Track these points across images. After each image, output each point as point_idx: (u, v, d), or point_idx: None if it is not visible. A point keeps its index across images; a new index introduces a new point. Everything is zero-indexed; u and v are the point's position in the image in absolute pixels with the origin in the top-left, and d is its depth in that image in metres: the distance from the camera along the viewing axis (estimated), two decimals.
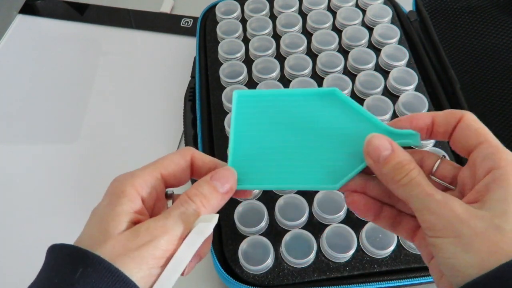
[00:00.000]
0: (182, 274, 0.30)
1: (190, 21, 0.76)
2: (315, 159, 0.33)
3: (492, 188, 0.26)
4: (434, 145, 0.51)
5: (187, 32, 0.75)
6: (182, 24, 0.76)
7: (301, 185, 0.33)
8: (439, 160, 0.32)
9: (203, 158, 0.34)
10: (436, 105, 0.57)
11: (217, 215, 0.31)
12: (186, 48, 0.73)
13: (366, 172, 0.32)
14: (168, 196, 0.35)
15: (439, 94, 0.58)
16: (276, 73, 0.59)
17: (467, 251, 0.25)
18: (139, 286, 0.27)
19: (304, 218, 0.47)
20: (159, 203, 0.33)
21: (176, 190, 0.35)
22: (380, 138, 0.30)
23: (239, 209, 0.48)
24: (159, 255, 0.28)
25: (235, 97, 0.35)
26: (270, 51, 0.61)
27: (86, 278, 0.26)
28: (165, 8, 0.78)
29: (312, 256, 0.45)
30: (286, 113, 0.34)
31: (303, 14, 0.65)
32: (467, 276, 0.25)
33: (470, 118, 0.29)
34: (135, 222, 0.30)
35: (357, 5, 0.66)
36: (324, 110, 0.33)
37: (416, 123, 0.31)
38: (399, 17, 0.65)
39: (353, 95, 0.58)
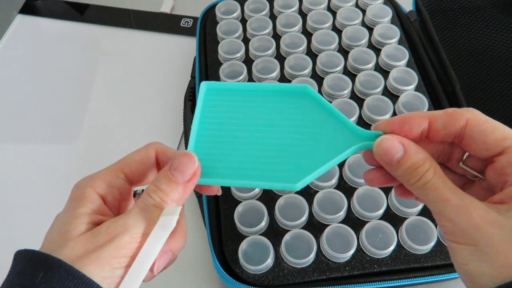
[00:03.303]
0: (152, 271, 0.29)
1: (190, 21, 0.76)
2: (280, 156, 0.31)
3: None
4: None
5: (187, 32, 0.75)
6: (182, 24, 0.76)
7: (262, 183, 0.32)
8: (467, 153, 0.29)
9: (166, 152, 0.33)
10: (436, 105, 0.57)
11: (180, 208, 0.29)
12: (186, 48, 0.73)
13: None
14: (137, 195, 0.34)
15: (439, 94, 0.58)
16: (276, 73, 0.59)
17: (482, 260, 0.24)
18: (103, 286, 0.26)
19: (304, 218, 0.47)
20: (125, 203, 0.32)
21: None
22: (390, 139, 0.28)
23: (239, 209, 0.48)
24: (121, 255, 0.27)
25: (203, 89, 0.34)
26: (270, 51, 0.61)
27: (47, 283, 0.25)
28: (165, 8, 0.78)
29: (312, 256, 0.45)
30: (255, 108, 0.33)
31: (303, 14, 0.65)
32: (480, 285, 0.24)
33: (481, 120, 0.27)
34: (97, 223, 0.29)
35: (357, 5, 0.66)
36: (294, 107, 0.32)
37: (409, 128, 0.28)
38: (399, 17, 0.65)
39: (353, 95, 0.58)
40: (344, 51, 0.61)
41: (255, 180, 0.31)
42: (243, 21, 0.66)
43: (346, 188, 0.50)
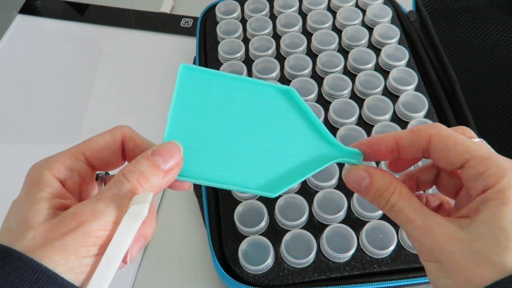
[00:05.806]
0: (125, 261, 0.27)
1: (190, 21, 0.76)
2: (258, 159, 0.31)
3: (481, 209, 0.25)
4: None
5: (187, 32, 0.75)
6: (182, 24, 0.76)
7: (240, 187, 0.30)
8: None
9: (134, 139, 0.30)
10: (436, 105, 0.57)
11: (151, 194, 0.27)
12: (186, 48, 0.73)
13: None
14: (100, 179, 0.32)
15: (439, 94, 0.58)
16: (276, 73, 0.59)
17: (447, 277, 0.26)
18: (67, 278, 0.24)
19: (304, 218, 0.47)
20: (86, 187, 0.30)
21: (112, 172, 0.32)
22: (355, 169, 0.30)
23: (239, 209, 0.48)
24: (90, 243, 0.25)
25: (180, 71, 0.31)
26: (270, 51, 0.61)
27: (4, 278, 0.23)
28: (165, 8, 0.78)
29: (312, 256, 0.45)
30: (235, 103, 0.31)
31: (303, 14, 0.65)
32: None
33: (442, 135, 0.28)
34: (59, 208, 0.27)
35: (357, 5, 0.66)
36: (276, 109, 0.32)
37: (378, 149, 0.30)
38: (399, 17, 0.65)
39: (353, 95, 0.58)
40: (344, 51, 0.61)
41: (234, 184, 0.30)
42: (243, 21, 0.66)
43: (346, 188, 0.49)
